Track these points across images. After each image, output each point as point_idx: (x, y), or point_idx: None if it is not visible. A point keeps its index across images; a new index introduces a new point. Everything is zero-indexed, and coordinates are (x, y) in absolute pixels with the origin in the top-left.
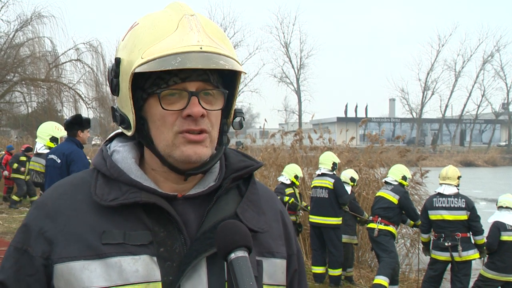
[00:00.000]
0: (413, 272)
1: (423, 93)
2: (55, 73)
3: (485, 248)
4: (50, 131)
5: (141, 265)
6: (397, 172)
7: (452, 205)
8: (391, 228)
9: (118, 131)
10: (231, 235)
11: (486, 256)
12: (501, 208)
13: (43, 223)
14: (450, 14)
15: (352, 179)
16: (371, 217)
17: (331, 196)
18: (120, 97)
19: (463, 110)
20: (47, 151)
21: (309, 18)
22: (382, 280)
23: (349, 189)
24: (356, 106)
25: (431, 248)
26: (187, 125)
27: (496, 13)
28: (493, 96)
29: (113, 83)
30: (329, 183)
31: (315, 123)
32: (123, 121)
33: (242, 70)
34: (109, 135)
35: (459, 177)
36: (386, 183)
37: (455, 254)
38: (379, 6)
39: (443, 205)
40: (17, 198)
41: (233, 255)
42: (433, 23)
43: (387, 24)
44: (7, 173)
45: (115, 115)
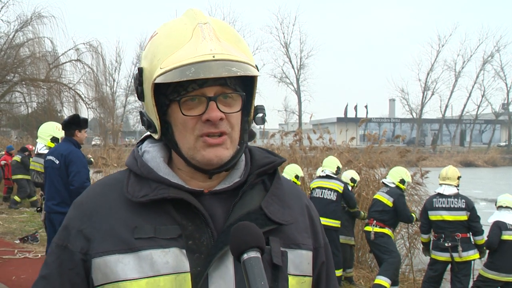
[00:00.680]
0: (413, 272)
1: (423, 93)
2: (55, 74)
3: (485, 248)
4: (51, 132)
5: (171, 257)
6: (396, 174)
7: (452, 206)
8: (387, 230)
9: (146, 134)
10: (244, 236)
11: (486, 256)
12: (500, 208)
13: (81, 221)
14: (450, 14)
15: (352, 180)
16: (367, 219)
17: (339, 199)
18: (145, 103)
19: (463, 110)
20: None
21: (309, 18)
22: (382, 280)
23: (349, 189)
24: (356, 106)
25: (431, 248)
26: (207, 128)
27: (496, 13)
28: (493, 96)
29: (138, 90)
30: (339, 186)
31: (315, 123)
32: (150, 125)
33: (254, 73)
34: (141, 137)
35: (459, 178)
36: (384, 184)
37: (455, 254)
38: (379, 6)
39: (443, 206)
40: (18, 199)
41: (245, 256)
42: (433, 23)
43: (387, 24)
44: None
45: (143, 119)
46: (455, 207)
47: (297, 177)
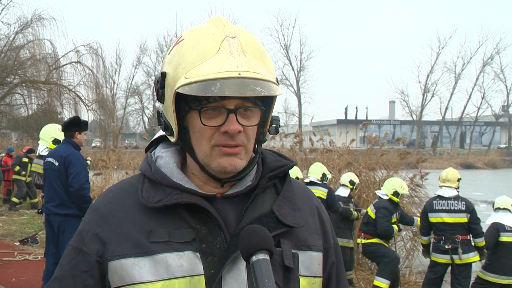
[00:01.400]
0: (413, 274)
1: (423, 95)
2: (55, 75)
3: (485, 250)
4: (52, 133)
5: (186, 260)
6: (390, 186)
7: (452, 208)
8: (374, 239)
9: (158, 135)
10: (253, 238)
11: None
12: (498, 209)
13: (97, 225)
14: (450, 16)
15: (351, 182)
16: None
17: (324, 205)
18: (165, 106)
19: (463, 112)
20: None
21: (309, 20)
22: (380, 282)
23: (347, 191)
24: (356, 108)
25: (431, 250)
26: (224, 140)
27: (496, 15)
28: (493, 98)
29: (159, 93)
30: (322, 192)
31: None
32: (167, 128)
33: (277, 93)
34: (152, 139)
35: (459, 180)
36: (378, 197)
37: (455, 256)
38: (379, 8)
39: (443, 208)
40: (17, 200)
41: (254, 258)
42: (433, 26)
43: (387, 26)
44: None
45: (160, 120)
46: (455, 209)
47: (297, 179)
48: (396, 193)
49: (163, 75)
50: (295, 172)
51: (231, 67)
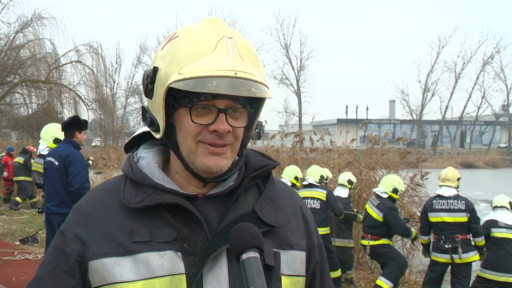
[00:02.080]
0: (413, 274)
1: (423, 94)
2: (55, 75)
3: (485, 249)
4: (53, 133)
5: (167, 260)
6: (388, 184)
7: (452, 207)
8: (383, 240)
9: (140, 131)
10: (243, 236)
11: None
12: (496, 208)
13: (78, 225)
14: (450, 15)
15: (349, 182)
16: (362, 233)
17: (323, 207)
18: (152, 102)
19: (463, 111)
20: None
21: (309, 20)
22: (383, 282)
23: (346, 191)
24: (356, 107)
25: (431, 250)
26: (212, 138)
27: (496, 14)
28: (493, 97)
29: (148, 88)
30: (322, 194)
31: (315, 125)
32: (153, 124)
33: (270, 96)
34: (131, 137)
35: (458, 179)
36: (375, 195)
37: (455, 256)
38: (379, 8)
39: (443, 207)
40: (20, 200)
41: (244, 256)
42: (433, 25)
43: (387, 25)
44: (7, 174)
45: (146, 116)
46: (455, 209)
47: (296, 178)
48: (395, 190)
49: (155, 70)
50: (295, 171)
51: (228, 66)
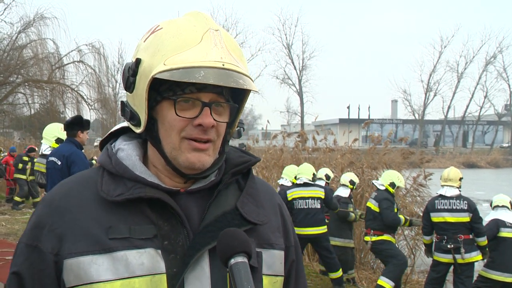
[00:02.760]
0: (415, 273)
1: (426, 94)
2: (57, 75)
3: (487, 249)
4: (55, 133)
5: (146, 258)
6: (387, 177)
7: (454, 207)
8: (385, 236)
9: (117, 127)
10: (231, 241)
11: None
12: (497, 207)
13: (52, 220)
14: (452, 15)
15: (351, 182)
16: (365, 229)
17: (323, 206)
18: (133, 95)
19: (465, 111)
20: None
21: (311, 19)
22: (384, 282)
23: (347, 191)
24: (358, 107)
25: (433, 250)
26: (196, 133)
27: (498, 14)
28: (496, 97)
29: (129, 80)
30: (321, 193)
31: (317, 124)
32: (133, 118)
33: (256, 90)
34: (110, 131)
35: (460, 179)
36: (376, 189)
37: (457, 256)
38: (381, 7)
39: (445, 207)
40: (19, 199)
41: (232, 261)
42: (435, 25)
43: (389, 25)
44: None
45: (125, 110)
46: (457, 209)
47: (296, 178)
48: (392, 184)
49: (138, 61)
50: (294, 171)
51: (215, 57)
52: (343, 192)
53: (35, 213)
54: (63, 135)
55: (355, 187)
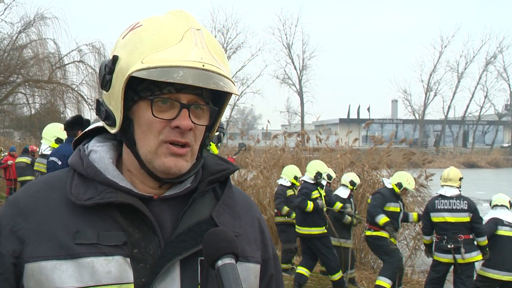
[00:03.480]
0: (416, 273)
1: (426, 94)
2: (58, 75)
3: (487, 249)
4: (55, 133)
5: (114, 266)
6: (396, 177)
7: (454, 207)
8: (381, 233)
9: (92, 127)
10: (218, 242)
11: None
12: (496, 206)
13: (15, 221)
14: (452, 15)
15: (352, 183)
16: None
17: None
18: (109, 94)
19: (465, 111)
20: None
21: (311, 19)
22: (382, 281)
23: (347, 192)
24: (358, 107)
25: (433, 250)
26: (174, 136)
27: (499, 14)
28: (496, 97)
29: (105, 78)
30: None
31: (318, 124)
32: (108, 117)
33: (237, 93)
34: (83, 131)
35: (460, 179)
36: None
37: (458, 256)
38: (381, 7)
39: (445, 207)
40: None
41: (220, 262)
42: (435, 24)
43: (389, 25)
44: (11, 162)
45: (100, 109)
46: (457, 209)
47: (296, 178)
48: (399, 184)
49: (115, 59)
50: (294, 171)
51: (195, 58)
52: (342, 192)
53: None
54: (63, 135)
55: (355, 188)
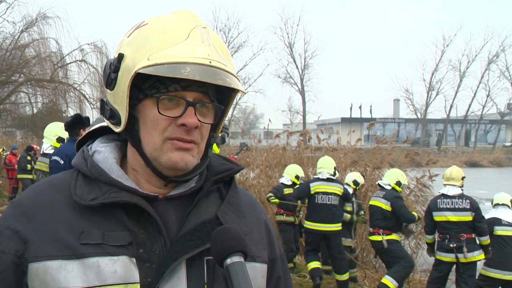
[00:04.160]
0: (418, 273)
1: (428, 93)
2: (60, 74)
3: (490, 248)
4: (56, 132)
5: (120, 266)
6: (392, 176)
7: (456, 206)
8: (394, 236)
9: (95, 127)
10: (226, 240)
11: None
12: (497, 205)
13: (18, 221)
14: (454, 14)
15: (355, 183)
16: (371, 228)
17: (340, 202)
18: (114, 93)
19: (468, 110)
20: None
21: (313, 18)
22: (389, 281)
23: (350, 191)
24: (360, 106)
25: (436, 249)
26: (179, 133)
27: (501, 12)
28: (498, 96)
29: (110, 77)
30: (339, 189)
31: (319, 124)
32: (113, 116)
33: (243, 90)
34: (86, 132)
35: (463, 178)
36: (379, 186)
37: (460, 255)
38: (383, 6)
39: (448, 206)
40: None
41: (229, 261)
42: (437, 23)
43: (391, 24)
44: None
45: (105, 108)
46: (459, 208)
47: (297, 177)
48: (398, 183)
49: (120, 57)
50: (296, 170)
51: (202, 54)
52: None
53: (2, 215)
54: (64, 134)
55: (358, 188)
